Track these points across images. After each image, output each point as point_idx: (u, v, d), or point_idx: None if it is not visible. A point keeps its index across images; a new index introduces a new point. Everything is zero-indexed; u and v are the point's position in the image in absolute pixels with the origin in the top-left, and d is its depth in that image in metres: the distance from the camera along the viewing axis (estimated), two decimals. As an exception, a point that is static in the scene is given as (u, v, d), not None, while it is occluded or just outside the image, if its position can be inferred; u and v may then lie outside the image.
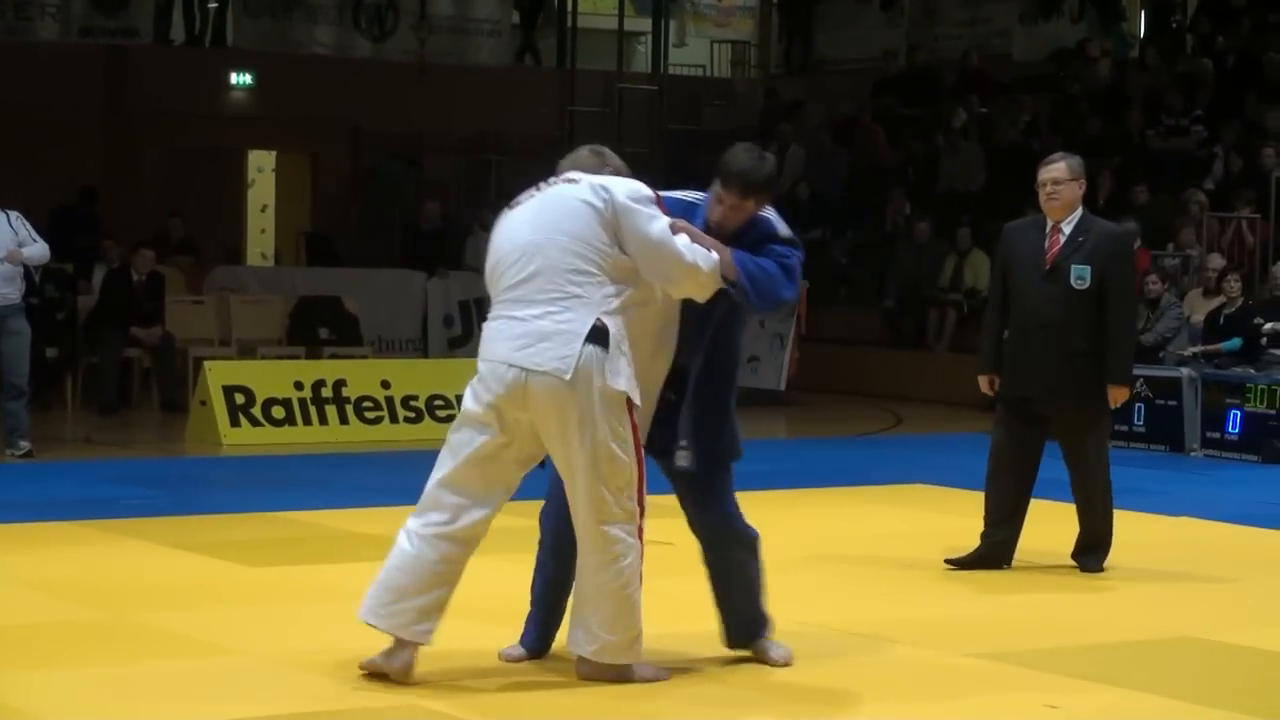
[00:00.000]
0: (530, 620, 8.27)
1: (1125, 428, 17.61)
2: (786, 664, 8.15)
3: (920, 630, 9.30)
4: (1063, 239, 10.90)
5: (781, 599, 9.37)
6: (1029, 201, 22.64)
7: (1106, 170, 23.19)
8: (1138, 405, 17.57)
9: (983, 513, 11.02)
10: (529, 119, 27.68)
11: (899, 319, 23.25)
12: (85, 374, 19.65)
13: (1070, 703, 7.93)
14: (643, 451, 7.91)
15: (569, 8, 30.62)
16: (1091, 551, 11.08)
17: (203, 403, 17.32)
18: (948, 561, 10.91)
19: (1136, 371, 17.53)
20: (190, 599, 9.96)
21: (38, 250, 15.74)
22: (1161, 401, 17.48)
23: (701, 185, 8.17)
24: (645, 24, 32.65)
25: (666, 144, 29.17)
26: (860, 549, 11.08)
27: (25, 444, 15.69)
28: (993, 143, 25.32)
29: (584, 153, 8.17)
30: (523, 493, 7.90)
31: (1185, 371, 17.56)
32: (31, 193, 23.19)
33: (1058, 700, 7.94)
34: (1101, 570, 10.97)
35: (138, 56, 26.62)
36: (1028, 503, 11.04)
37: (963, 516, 13.20)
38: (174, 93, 26.60)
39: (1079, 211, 11.01)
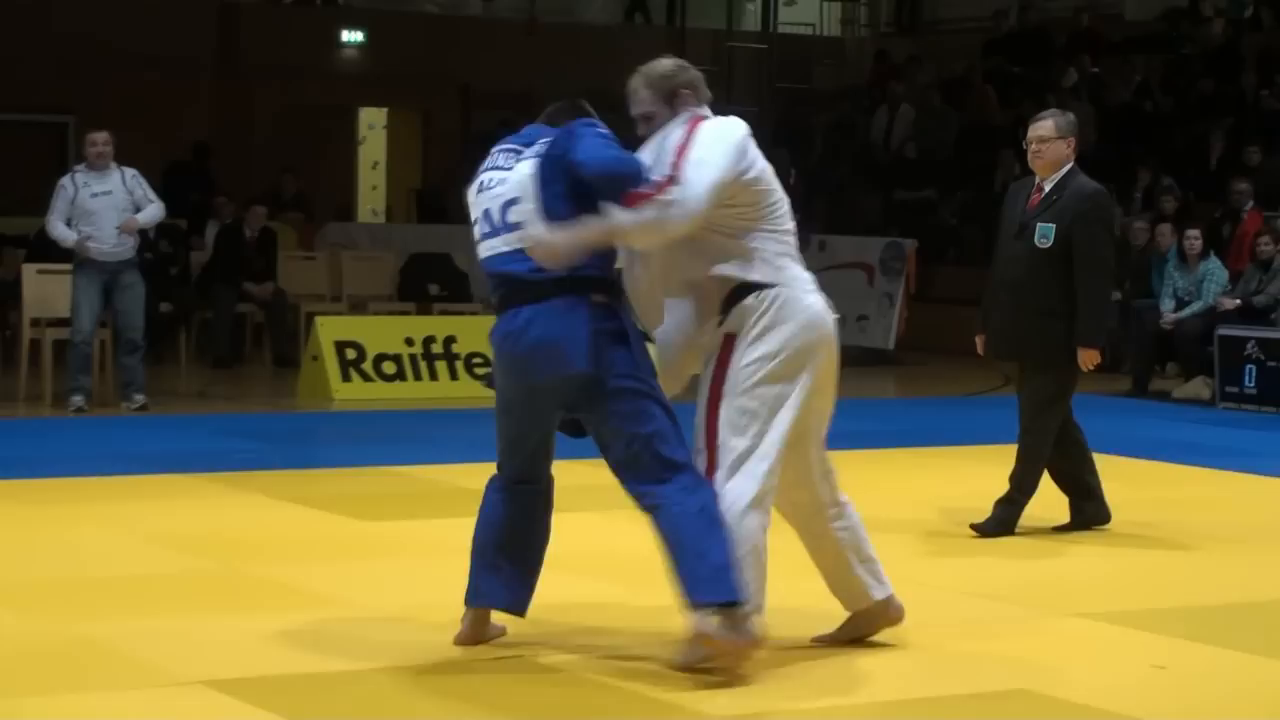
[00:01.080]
0: None
1: (1236, 389, 17.53)
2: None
3: (1027, 591, 9.31)
4: (1040, 197, 10.72)
5: (893, 558, 9.40)
6: (1139, 162, 22.74)
7: (1219, 131, 23.06)
8: (1248, 367, 17.48)
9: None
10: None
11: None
12: (198, 329, 19.77)
13: (1177, 663, 7.93)
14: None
15: (679, -33, 30.65)
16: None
17: (314, 358, 17.40)
18: (1054, 529, 10.85)
19: (1247, 333, 17.60)
20: (300, 552, 10.05)
21: (152, 212, 15.87)
22: (1274, 363, 17.33)
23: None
24: (754, -17, 32.62)
25: (776, 103, 29.13)
26: (967, 508, 11.05)
27: (140, 398, 15.80)
28: (1104, 103, 25.16)
29: None
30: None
31: (1297, 334, 17.45)
32: (146, 149, 23.40)
33: (1165, 660, 7.94)
34: (995, 532, 10.66)
35: (249, 14, 26.77)
36: (1089, 460, 11.05)
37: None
38: (286, 50, 26.74)
39: (1064, 170, 10.75)
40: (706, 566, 7.09)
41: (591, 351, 7.27)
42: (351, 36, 27.93)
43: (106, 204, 15.50)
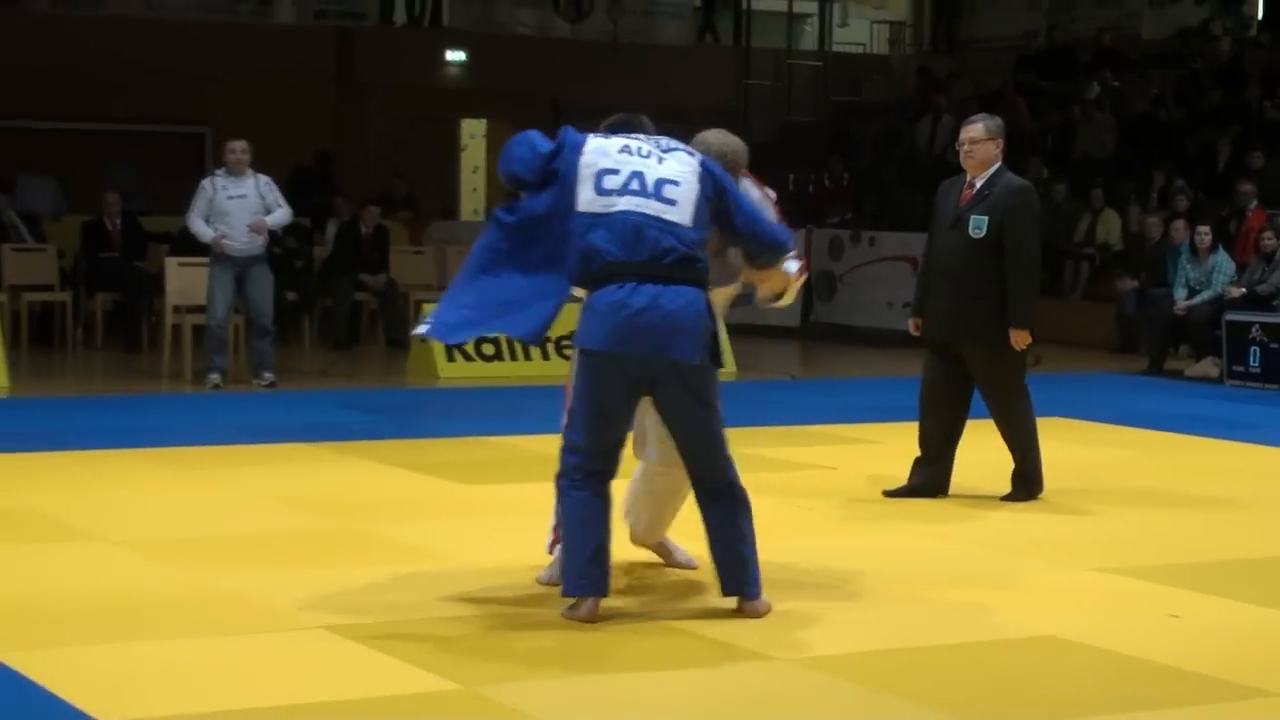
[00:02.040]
0: None
1: (1242, 369, 17.47)
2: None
3: (1047, 547, 9.26)
4: (972, 193, 10.52)
5: (928, 515, 9.40)
6: (1155, 165, 22.61)
7: (1227, 138, 22.94)
8: (1253, 349, 17.42)
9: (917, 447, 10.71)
10: (708, 91, 27.64)
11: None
12: (320, 315, 19.83)
13: (1189, 613, 7.89)
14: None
15: (745, -8, 30.59)
16: (1019, 482, 10.68)
17: (422, 340, 17.41)
18: (885, 493, 10.61)
19: (1252, 318, 17.51)
20: (408, 512, 10.06)
21: (280, 216, 15.92)
22: (1276, 345, 17.25)
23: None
24: (812, 6, 32.53)
25: (830, 114, 29.06)
26: (1000, 475, 10.99)
27: (270, 375, 15.88)
28: (1123, 113, 25.07)
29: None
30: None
31: (1296, 318, 17.34)
32: (274, 155, 23.47)
33: (1178, 610, 7.90)
34: (1030, 499, 10.58)
35: (364, 36, 26.83)
36: (959, 436, 10.68)
37: (1095, 446, 13.18)
38: (397, 68, 26.81)
39: (993, 168, 10.55)
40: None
41: (703, 341, 7.11)
42: (455, 56, 27.97)
43: (240, 206, 15.58)
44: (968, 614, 7.60)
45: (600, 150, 7.32)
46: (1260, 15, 28.12)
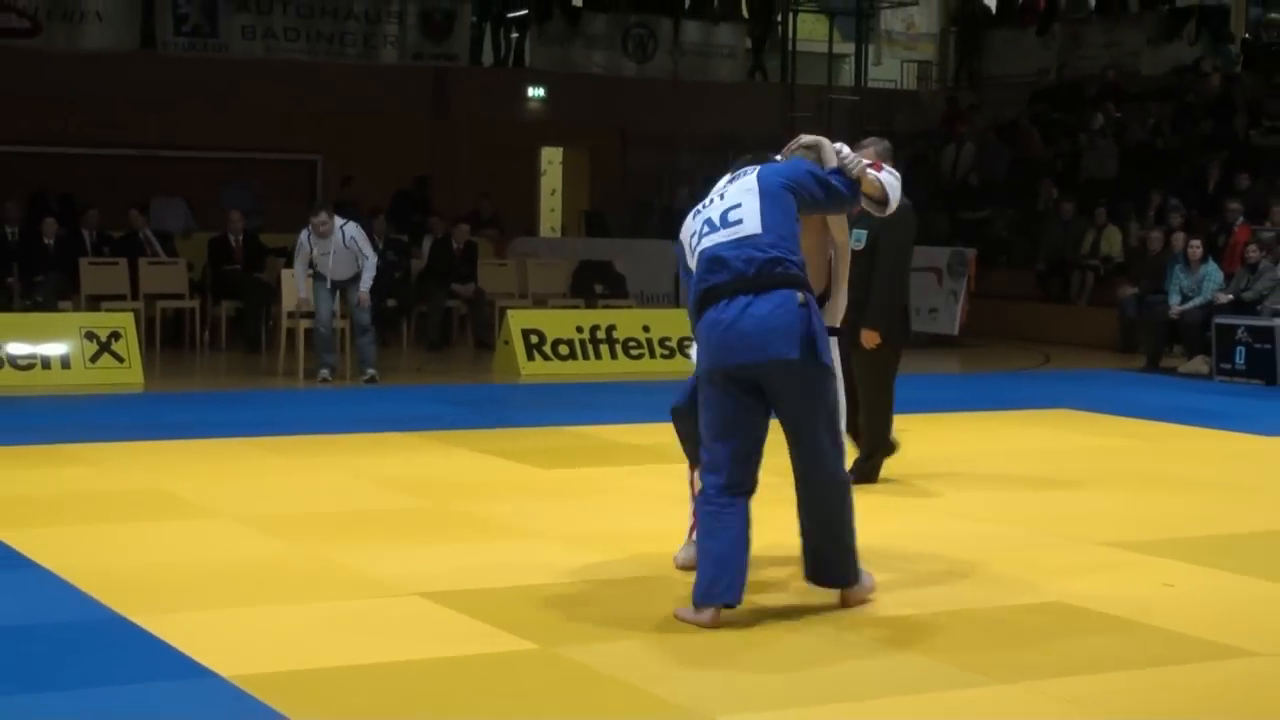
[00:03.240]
0: None
1: (1229, 366, 17.37)
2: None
3: (1053, 522, 9.22)
4: (858, 209, 10.27)
5: (946, 495, 9.34)
6: (1154, 186, 22.48)
7: (1216, 162, 22.82)
8: (1239, 348, 17.33)
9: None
10: (758, 123, 27.56)
11: (1049, 279, 22.97)
12: (417, 320, 19.88)
13: (1182, 582, 7.84)
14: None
15: (790, 35, 30.50)
16: (862, 461, 10.13)
17: (506, 342, 17.47)
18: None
19: (1238, 321, 17.43)
20: (497, 492, 10.06)
21: (368, 270, 15.96)
22: (1259, 345, 17.16)
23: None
24: (849, 48, 32.45)
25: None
26: (1016, 460, 10.97)
27: (371, 371, 15.93)
28: (1125, 141, 24.94)
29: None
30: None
31: (1278, 322, 17.23)
32: (377, 181, 23.62)
33: (1173, 580, 7.85)
34: (869, 482, 10.04)
35: (457, 75, 26.86)
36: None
37: (1099, 435, 13.13)
38: (484, 103, 26.85)
39: None
40: None
41: (798, 337, 6.70)
42: (535, 92, 27.99)
43: (330, 257, 15.76)
44: (984, 582, 7.56)
45: (685, 227, 7.09)
46: (1242, 55, 27.93)
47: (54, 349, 15.65)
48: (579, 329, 17.57)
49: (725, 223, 6.86)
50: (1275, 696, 6.12)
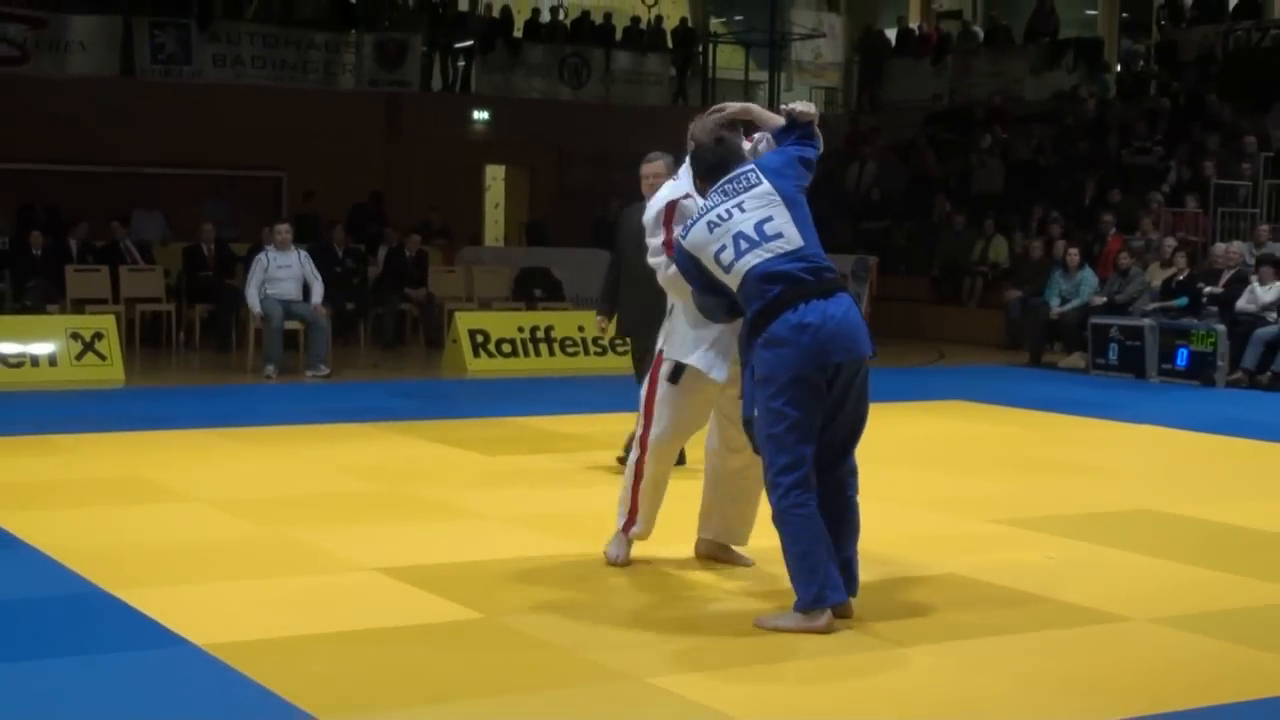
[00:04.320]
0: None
1: (1103, 361, 17.49)
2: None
3: (950, 503, 9.27)
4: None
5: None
6: (1036, 200, 22.62)
7: (1091, 179, 22.98)
8: (1112, 345, 17.43)
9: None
10: (682, 143, 27.57)
11: (942, 283, 23.08)
12: (373, 321, 19.80)
13: (1061, 555, 7.89)
14: (655, 392, 7.19)
15: (711, 64, 30.54)
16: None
17: (454, 341, 17.42)
18: (619, 459, 9.97)
19: (1111, 321, 17.57)
20: (446, 477, 10.04)
21: (318, 289, 16.26)
22: (1130, 342, 17.27)
23: None
24: (764, 75, 32.50)
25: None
26: (914, 447, 11.02)
27: (325, 369, 15.96)
28: (1010, 159, 25.08)
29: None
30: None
31: (1147, 321, 17.35)
32: (336, 195, 23.52)
33: (1053, 552, 7.89)
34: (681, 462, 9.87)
35: (408, 99, 26.78)
36: None
37: (988, 423, 13.20)
38: (434, 124, 26.76)
39: None
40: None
41: (869, 338, 6.38)
42: (480, 115, 27.92)
43: (287, 274, 16.09)
44: (883, 558, 7.57)
45: (697, 241, 6.44)
46: (1119, 82, 28.15)
47: (42, 348, 15.57)
48: (520, 329, 17.54)
49: (765, 237, 6.30)
50: (1147, 656, 6.17)
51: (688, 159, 7.07)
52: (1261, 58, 25.14)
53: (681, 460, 9.18)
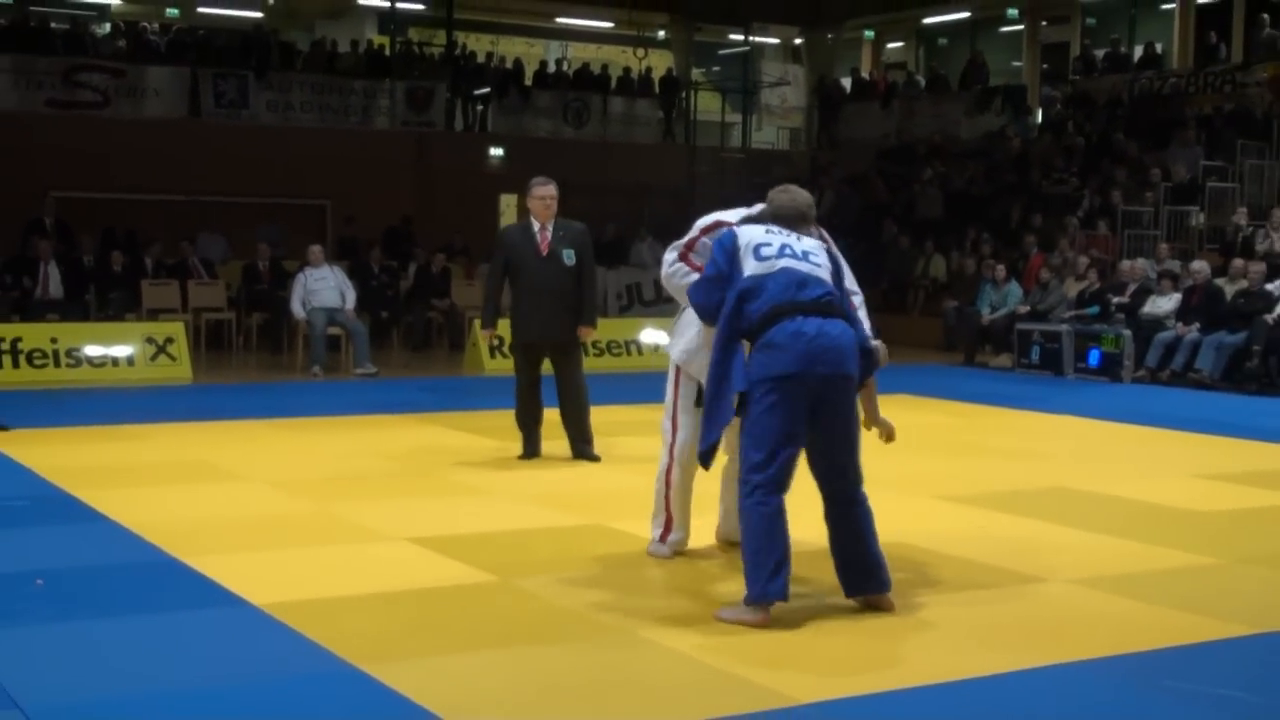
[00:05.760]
0: None
1: (1027, 361, 17.51)
2: None
3: (893, 480, 9.26)
4: (549, 234, 9.88)
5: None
6: (970, 224, 22.63)
7: (1017, 206, 23.00)
8: (1035, 347, 17.47)
9: (522, 423, 10.05)
10: (668, 176, 27.57)
11: (890, 295, 23.10)
12: (404, 327, 19.80)
13: (991, 526, 7.89)
14: (678, 400, 6.75)
15: (693, 107, 30.53)
16: (587, 443, 9.93)
17: (473, 344, 17.41)
18: (520, 457, 9.99)
19: (1034, 327, 17.59)
20: (467, 460, 10.03)
21: (352, 298, 16.48)
22: (1050, 345, 17.31)
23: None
24: (738, 118, 32.51)
25: (751, 191, 29.01)
26: (866, 435, 10.98)
27: (372, 367, 15.95)
28: (948, 189, 25.10)
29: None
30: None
31: (1064, 327, 17.38)
32: (373, 219, 23.50)
33: (983, 525, 7.87)
34: (598, 459, 9.88)
35: (434, 137, 26.75)
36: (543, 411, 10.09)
37: (928, 414, 13.19)
38: (457, 159, 26.74)
39: (555, 216, 10.01)
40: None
41: (858, 359, 5.99)
42: (496, 151, 27.88)
43: (324, 285, 16.35)
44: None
45: (748, 234, 6.02)
46: (1040, 122, 28.18)
47: (121, 351, 15.57)
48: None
49: (808, 260, 5.98)
50: (1064, 614, 6.17)
51: (747, 211, 6.56)
52: (1161, 102, 25.20)
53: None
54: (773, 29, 33.48)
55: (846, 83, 31.85)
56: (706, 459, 6.02)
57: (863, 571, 6.04)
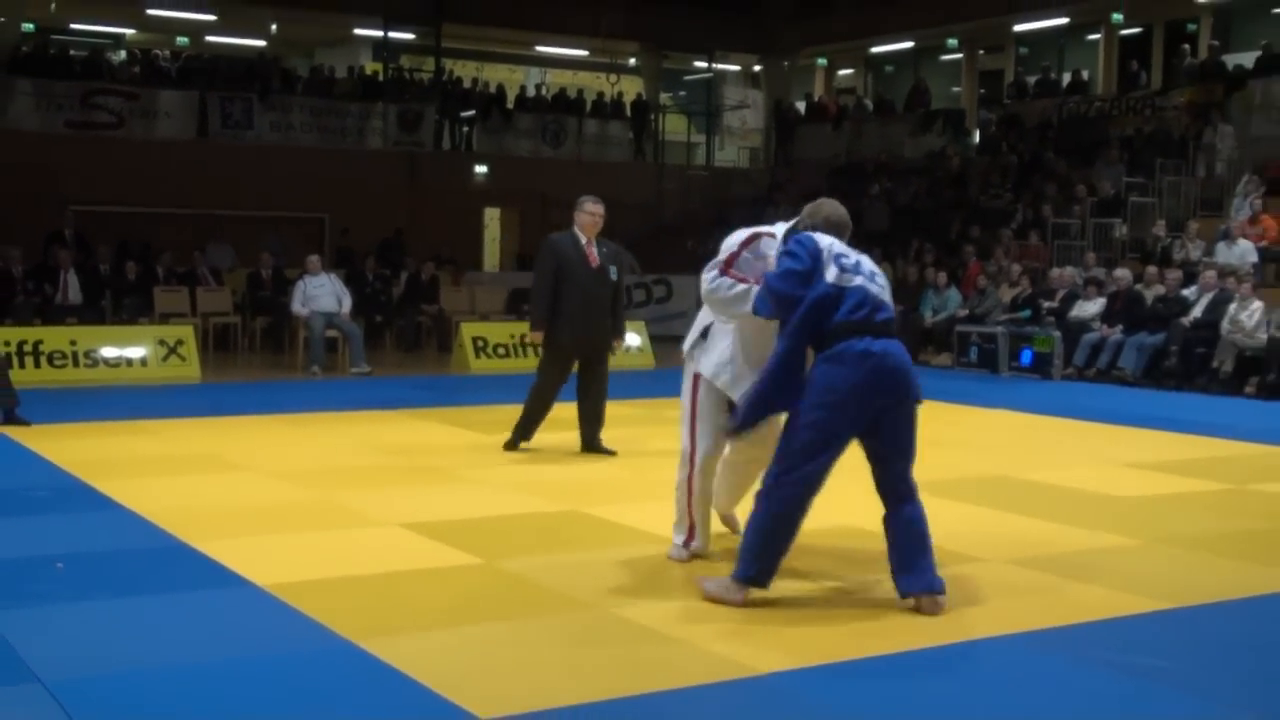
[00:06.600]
0: None
1: (966, 359, 17.57)
2: None
3: (850, 474, 9.26)
4: (595, 249, 9.74)
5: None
6: (914, 235, 22.67)
7: (957, 219, 23.07)
8: (973, 347, 17.52)
9: (529, 419, 10.01)
10: (639, 191, 27.55)
11: (841, 300, 23.15)
12: (396, 330, 19.74)
13: (931, 509, 7.86)
14: (697, 410, 6.40)
15: (660, 129, 30.54)
16: (598, 442, 9.88)
17: (460, 346, 17.38)
18: (505, 446, 9.98)
19: (972, 329, 17.64)
20: (454, 452, 10.01)
21: (348, 303, 16.34)
22: (986, 345, 17.37)
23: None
24: (702, 138, 32.54)
25: (713, 205, 29.06)
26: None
27: (366, 367, 15.87)
28: (894, 204, 25.16)
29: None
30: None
31: (999, 329, 17.44)
32: (368, 232, 23.43)
33: (929, 510, 7.88)
34: (614, 452, 9.78)
35: (424, 157, 26.71)
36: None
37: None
38: (446, 176, 26.72)
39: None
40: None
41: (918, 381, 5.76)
42: (480, 169, 27.86)
43: (322, 291, 16.23)
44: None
45: (825, 240, 5.75)
46: (978, 142, 28.27)
47: (135, 352, 15.47)
48: (512, 336, 17.48)
49: (875, 280, 5.75)
50: (1000, 590, 6.19)
51: (787, 227, 6.24)
52: (1087, 124, 25.32)
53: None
54: (734, 57, 33.50)
55: (801, 106, 31.90)
56: (735, 435, 5.88)
57: (914, 568, 5.76)
